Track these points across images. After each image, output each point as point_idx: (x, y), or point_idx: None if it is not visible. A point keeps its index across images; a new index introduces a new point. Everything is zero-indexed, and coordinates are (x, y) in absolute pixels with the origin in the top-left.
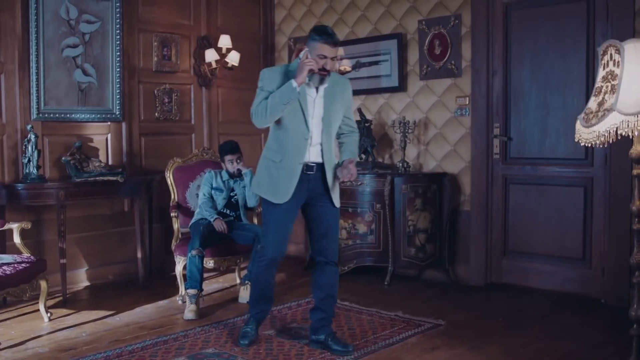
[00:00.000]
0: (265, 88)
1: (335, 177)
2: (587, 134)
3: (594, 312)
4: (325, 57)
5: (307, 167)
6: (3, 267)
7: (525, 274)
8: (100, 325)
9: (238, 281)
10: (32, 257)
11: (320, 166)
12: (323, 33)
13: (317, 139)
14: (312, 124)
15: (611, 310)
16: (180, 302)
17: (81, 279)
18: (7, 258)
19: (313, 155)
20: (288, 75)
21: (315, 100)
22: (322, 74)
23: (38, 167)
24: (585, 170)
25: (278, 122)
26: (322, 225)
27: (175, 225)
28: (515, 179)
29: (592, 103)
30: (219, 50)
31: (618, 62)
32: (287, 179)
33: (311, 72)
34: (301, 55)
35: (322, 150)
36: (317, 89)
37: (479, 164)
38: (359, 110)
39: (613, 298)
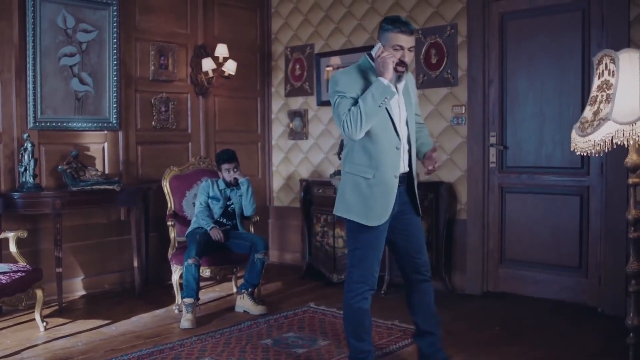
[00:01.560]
0: (348, 94)
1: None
2: (582, 143)
3: (591, 320)
4: (402, 47)
5: (400, 178)
6: None
7: (522, 282)
8: (96, 334)
9: (234, 290)
10: (28, 266)
11: (407, 175)
12: (397, 21)
13: (406, 145)
14: (400, 129)
15: (608, 319)
16: (176, 311)
17: (77, 288)
18: (3, 267)
19: (404, 165)
20: (365, 75)
21: (398, 101)
22: (399, 70)
23: (34, 176)
24: (581, 179)
25: (370, 131)
26: (413, 239)
27: (172, 234)
28: (511, 188)
29: (588, 112)
30: (216, 59)
31: (613, 71)
32: (384, 197)
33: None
34: (375, 49)
35: (410, 157)
36: (396, 88)
37: (475, 173)
38: None
39: (610, 306)
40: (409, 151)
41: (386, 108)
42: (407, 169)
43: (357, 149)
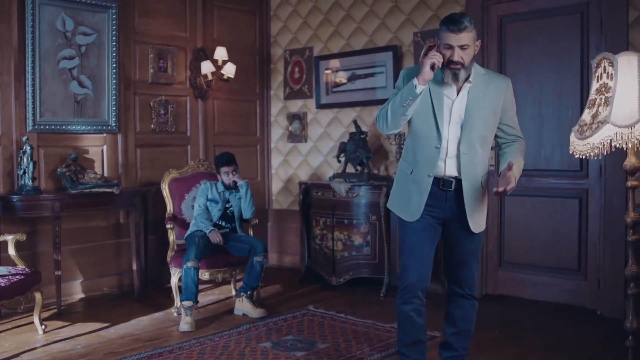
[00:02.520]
0: (400, 88)
1: (482, 195)
2: (581, 145)
3: (590, 323)
4: (451, 46)
5: (443, 182)
6: None
7: (521, 285)
8: (95, 337)
9: (233, 293)
10: (26, 269)
11: (459, 182)
12: (447, 19)
13: (453, 149)
14: (447, 130)
15: (607, 322)
16: (175, 314)
17: (76, 290)
18: (1, 270)
19: (450, 169)
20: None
21: (454, 102)
22: (453, 68)
23: (33, 179)
24: (580, 182)
25: (412, 128)
26: (457, 252)
27: (171, 237)
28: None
29: (586, 115)
30: (215, 62)
31: (611, 74)
32: (417, 194)
33: (435, 68)
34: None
35: (459, 163)
36: (459, 89)
37: None
38: (355, 122)
39: (609, 309)
40: (458, 157)
41: (432, 105)
42: (454, 174)
43: (406, 144)
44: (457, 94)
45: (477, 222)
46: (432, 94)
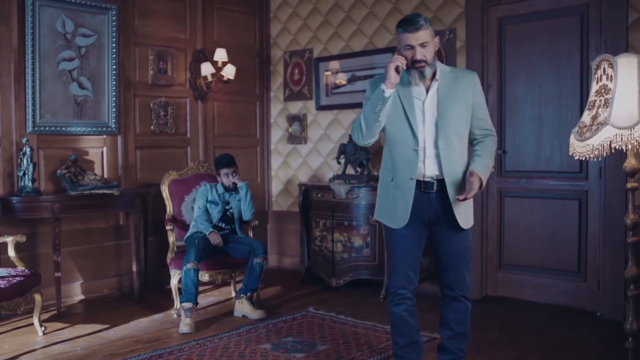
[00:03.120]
0: (369, 98)
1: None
2: (581, 147)
3: (590, 325)
4: (411, 46)
5: (425, 184)
6: None
7: (521, 287)
8: (94, 339)
9: (233, 294)
10: (26, 270)
11: (441, 182)
12: (402, 21)
13: (431, 149)
14: (422, 130)
15: (607, 323)
16: (175, 315)
17: (76, 292)
18: (1, 271)
19: (430, 169)
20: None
21: (425, 102)
22: (418, 67)
23: (33, 180)
24: (580, 184)
25: (387, 134)
26: (446, 253)
27: (171, 239)
28: (510, 192)
29: (586, 117)
30: (214, 63)
31: (611, 76)
32: (402, 199)
33: (400, 70)
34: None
35: (439, 162)
36: (427, 89)
37: None
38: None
39: (608, 311)
40: (437, 155)
41: (404, 109)
42: (435, 174)
43: (384, 152)
44: (427, 94)
45: (465, 217)
46: (402, 98)
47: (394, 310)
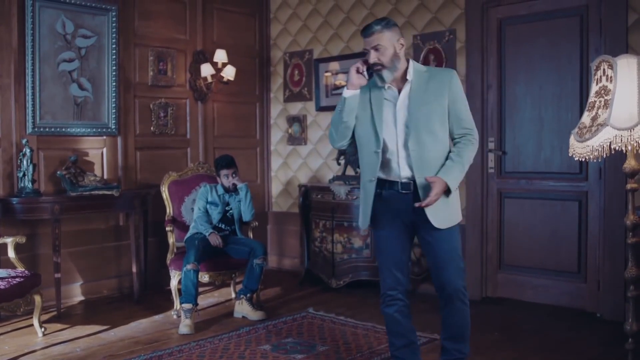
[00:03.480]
0: None
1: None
2: (581, 148)
3: (590, 326)
4: (368, 50)
5: (402, 185)
6: None
7: (521, 287)
8: (94, 340)
9: (233, 295)
10: (26, 271)
11: (412, 183)
12: (362, 30)
13: (403, 150)
14: (393, 132)
15: (606, 324)
16: (175, 316)
17: (76, 293)
18: (1, 272)
19: (404, 170)
20: (368, 85)
21: (397, 104)
22: (376, 70)
23: (33, 181)
24: (579, 184)
25: (356, 136)
26: (433, 255)
27: (171, 240)
28: (510, 193)
29: (586, 118)
30: (214, 64)
31: (611, 77)
32: (364, 202)
33: (359, 71)
34: None
35: (410, 162)
36: (400, 91)
37: (474, 178)
38: None
39: (608, 312)
40: (409, 155)
41: (372, 111)
42: (410, 175)
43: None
44: (399, 95)
45: (439, 216)
46: (372, 100)
47: (386, 312)
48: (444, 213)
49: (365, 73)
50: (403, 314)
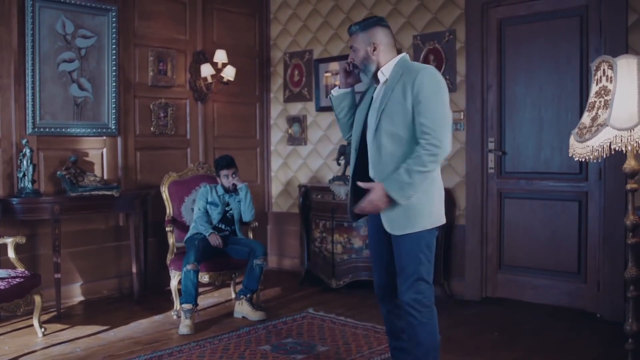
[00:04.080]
0: None
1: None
2: (581, 148)
3: (589, 326)
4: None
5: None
6: None
7: (521, 288)
8: (94, 340)
9: (233, 296)
10: (26, 271)
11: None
12: None
13: (372, 156)
14: (357, 132)
15: (606, 325)
16: (175, 317)
17: (76, 293)
18: (1, 273)
19: (371, 172)
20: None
21: (372, 104)
22: (357, 70)
23: (33, 182)
24: (579, 185)
25: None
26: (396, 257)
27: (171, 240)
28: (510, 193)
29: (586, 118)
30: (214, 65)
31: (611, 77)
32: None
33: (347, 70)
34: None
35: (372, 169)
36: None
37: (474, 179)
38: None
39: (608, 312)
40: (374, 162)
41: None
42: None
43: None
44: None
45: (396, 223)
46: (364, 100)
47: (381, 311)
48: (402, 220)
49: (355, 72)
50: (397, 316)
